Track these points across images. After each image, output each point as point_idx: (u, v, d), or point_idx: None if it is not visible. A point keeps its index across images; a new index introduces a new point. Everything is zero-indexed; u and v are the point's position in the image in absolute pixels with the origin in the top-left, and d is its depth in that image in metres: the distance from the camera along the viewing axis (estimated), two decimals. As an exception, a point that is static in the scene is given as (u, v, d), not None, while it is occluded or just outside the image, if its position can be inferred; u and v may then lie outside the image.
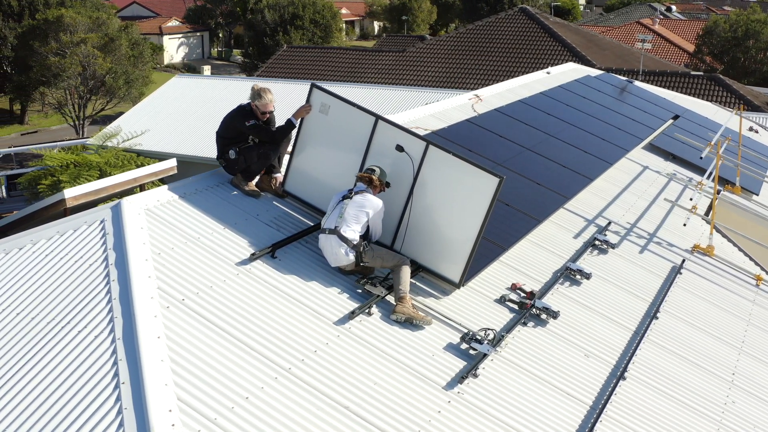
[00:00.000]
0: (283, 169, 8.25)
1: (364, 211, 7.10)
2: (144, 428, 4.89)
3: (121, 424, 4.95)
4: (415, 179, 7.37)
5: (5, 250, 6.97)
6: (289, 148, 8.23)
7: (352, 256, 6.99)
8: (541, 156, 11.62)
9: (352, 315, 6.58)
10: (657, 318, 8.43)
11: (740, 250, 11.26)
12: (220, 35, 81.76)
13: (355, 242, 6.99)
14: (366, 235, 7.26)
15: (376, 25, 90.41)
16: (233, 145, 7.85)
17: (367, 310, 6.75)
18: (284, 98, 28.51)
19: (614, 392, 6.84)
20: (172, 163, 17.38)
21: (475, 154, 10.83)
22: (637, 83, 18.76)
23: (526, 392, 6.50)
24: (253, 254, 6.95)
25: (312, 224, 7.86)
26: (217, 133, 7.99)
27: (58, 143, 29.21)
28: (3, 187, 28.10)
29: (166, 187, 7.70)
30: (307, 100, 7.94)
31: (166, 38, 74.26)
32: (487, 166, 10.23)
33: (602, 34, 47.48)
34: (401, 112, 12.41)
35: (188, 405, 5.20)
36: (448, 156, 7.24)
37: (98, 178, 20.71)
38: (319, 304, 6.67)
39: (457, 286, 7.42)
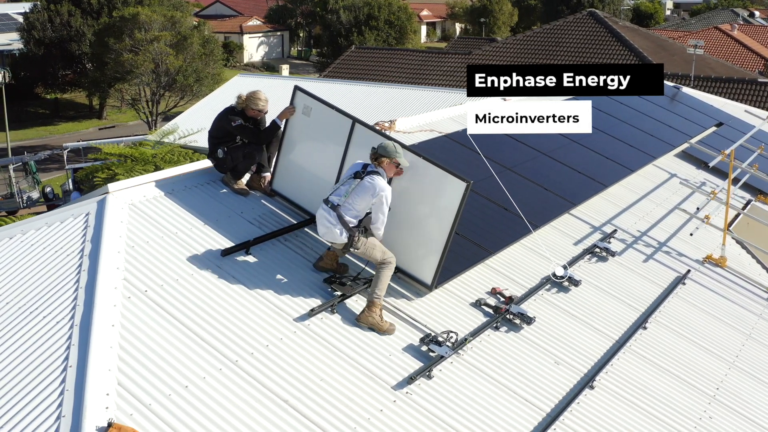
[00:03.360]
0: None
1: (368, 195, 6.90)
2: (79, 409, 5.15)
3: (60, 405, 5.25)
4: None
5: (-3, 239, 7.38)
6: None
7: (344, 237, 6.89)
8: (557, 161, 11.54)
9: (312, 312, 6.73)
10: (645, 328, 8.32)
11: (759, 262, 10.96)
12: (300, 35, 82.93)
13: (351, 225, 6.89)
14: (364, 221, 7.00)
15: (458, 27, 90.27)
16: (222, 145, 8.09)
17: (329, 308, 6.88)
18: (342, 99, 28.99)
19: (575, 400, 6.81)
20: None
21: (486, 158, 10.82)
22: (685, 89, 18.34)
23: (481, 396, 6.53)
24: (225, 250, 7.16)
25: (295, 222, 8.04)
26: (209, 132, 8.25)
27: (123, 138, 30.28)
28: (70, 180, 29.27)
29: (154, 183, 7.99)
30: (291, 102, 8.12)
31: (246, 37, 75.72)
32: (494, 171, 10.31)
33: (678, 39, 46.38)
34: (422, 113, 12.48)
35: (127, 390, 5.44)
36: (419, 159, 7.32)
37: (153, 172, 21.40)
38: (283, 300, 6.84)
39: (429, 288, 7.49)
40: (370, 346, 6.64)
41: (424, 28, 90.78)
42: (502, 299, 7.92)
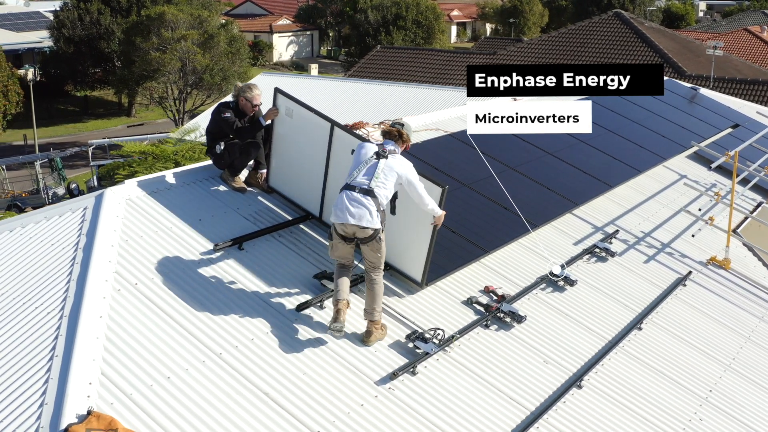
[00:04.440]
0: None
1: (394, 173, 6.70)
2: (61, 397, 5.28)
3: (44, 393, 5.39)
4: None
5: (-2, 231, 7.57)
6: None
7: (377, 222, 6.52)
8: (562, 161, 11.53)
9: (300, 307, 6.82)
10: (640, 329, 8.30)
11: (765, 265, 10.87)
12: (330, 34, 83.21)
13: (383, 208, 6.60)
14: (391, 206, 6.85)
15: (488, 27, 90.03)
16: (219, 140, 8.20)
17: (318, 304, 6.97)
18: (363, 97, 29.12)
19: (561, 399, 6.83)
20: None
21: (489, 157, 10.84)
22: (703, 91, 18.19)
23: (465, 394, 6.57)
24: (216, 245, 7.27)
25: (290, 218, 8.14)
26: (206, 128, 8.36)
27: (146, 136, 30.64)
28: (95, 177, 29.68)
29: (153, 178, 8.13)
30: (273, 104, 8.18)
31: (275, 36, 76.13)
32: (497, 170, 10.34)
33: (706, 41, 45.89)
34: (430, 112, 12.53)
35: (109, 379, 5.57)
36: None
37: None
38: (271, 295, 6.94)
39: (420, 285, 7.56)
40: (355, 342, 6.71)
41: (454, 29, 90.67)
42: (495, 298, 7.95)
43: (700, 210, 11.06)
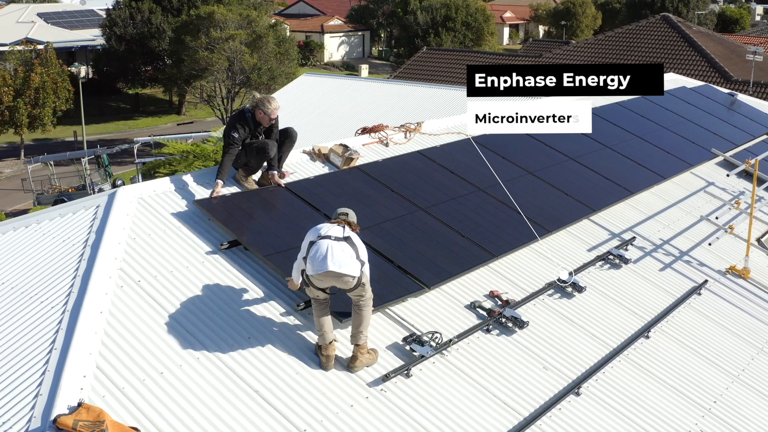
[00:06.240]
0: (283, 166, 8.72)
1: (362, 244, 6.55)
2: (55, 388, 5.48)
3: (40, 384, 5.59)
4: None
5: (14, 228, 7.86)
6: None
7: (359, 266, 6.36)
8: (584, 166, 11.47)
9: (298, 307, 6.93)
10: (647, 337, 8.25)
11: (788, 275, 10.67)
12: (381, 35, 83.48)
13: (362, 257, 6.45)
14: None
15: (541, 29, 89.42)
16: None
17: (317, 305, 7.07)
18: (404, 99, 29.17)
19: (557, 405, 6.83)
20: None
21: (507, 161, 10.88)
22: (741, 96, 17.88)
23: (458, 398, 6.61)
24: (222, 244, 7.43)
25: (299, 220, 8.26)
26: (224, 129, 8.53)
27: (189, 135, 31.13)
28: (139, 175, 30.27)
29: (168, 178, 8.33)
30: None
31: (327, 36, 76.67)
32: (515, 175, 10.37)
33: (759, 45, 44.95)
34: (452, 116, 12.55)
35: (104, 373, 5.76)
36: None
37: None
38: (271, 295, 7.05)
39: (428, 287, 7.64)
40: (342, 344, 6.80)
41: (506, 30, 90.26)
42: (499, 302, 7.98)
43: (717, 218, 10.90)
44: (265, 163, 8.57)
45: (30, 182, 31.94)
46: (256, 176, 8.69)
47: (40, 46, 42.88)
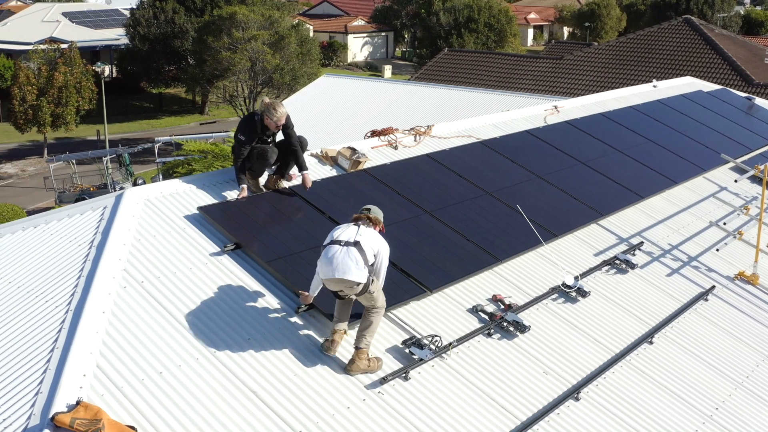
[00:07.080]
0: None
1: (377, 240, 6.68)
2: (55, 387, 5.59)
3: (41, 382, 5.71)
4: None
5: (23, 228, 8.00)
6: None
7: (366, 273, 6.41)
8: (594, 170, 11.45)
9: (299, 310, 7.00)
10: (651, 342, 8.23)
11: (798, 282, 10.59)
12: (405, 36, 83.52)
13: (371, 262, 6.52)
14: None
15: (566, 30, 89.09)
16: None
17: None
18: (423, 101, 29.19)
19: (555, 410, 6.85)
20: None
21: (516, 164, 10.89)
22: (758, 100, 17.73)
23: (456, 401, 6.65)
24: (225, 246, 7.52)
25: (304, 223, 8.33)
26: (235, 132, 8.61)
27: (210, 135, 31.34)
28: (160, 174, 30.54)
29: (176, 180, 8.43)
30: None
31: (350, 37, 76.87)
32: (524, 178, 10.38)
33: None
34: (463, 118, 12.57)
35: (104, 372, 5.86)
36: None
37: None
38: (272, 297, 7.13)
39: (430, 291, 7.69)
40: (351, 345, 6.85)
41: (531, 32, 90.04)
42: (502, 306, 8.00)
43: (725, 224, 10.84)
44: (275, 167, 8.64)
45: (52, 180, 32.33)
46: (263, 180, 8.77)
47: (64, 45, 43.34)
